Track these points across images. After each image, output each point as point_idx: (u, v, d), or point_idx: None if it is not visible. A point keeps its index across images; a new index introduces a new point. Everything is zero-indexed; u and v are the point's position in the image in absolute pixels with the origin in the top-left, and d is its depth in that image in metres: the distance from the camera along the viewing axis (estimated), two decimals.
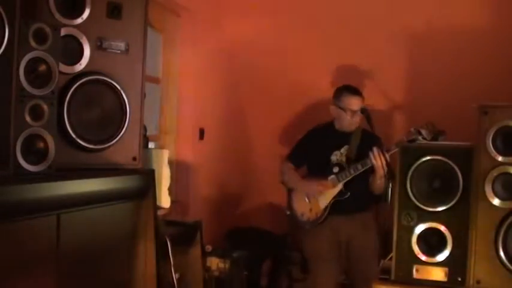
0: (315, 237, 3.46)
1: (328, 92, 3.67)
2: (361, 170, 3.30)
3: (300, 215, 3.48)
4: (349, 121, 3.41)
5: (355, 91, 3.42)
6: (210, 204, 4.35)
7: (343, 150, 3.43)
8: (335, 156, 3.42)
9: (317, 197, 3.41)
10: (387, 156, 3.17)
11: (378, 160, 3.16)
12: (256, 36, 4.48)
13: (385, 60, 4.13)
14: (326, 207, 3.39)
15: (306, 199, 3.46)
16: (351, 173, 3.32)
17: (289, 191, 3.58)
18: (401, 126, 4.06)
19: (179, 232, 3.19)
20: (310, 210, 3.43)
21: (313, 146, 3.52)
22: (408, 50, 4.11)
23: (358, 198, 3.38)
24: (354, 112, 3.39)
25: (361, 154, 3.36)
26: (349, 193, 3.35)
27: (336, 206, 3.39)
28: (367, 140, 3.37)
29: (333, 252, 3.43)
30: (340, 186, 3.36)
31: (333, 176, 3.37)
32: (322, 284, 3.44)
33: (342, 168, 3.37)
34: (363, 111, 3.34)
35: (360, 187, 3.38)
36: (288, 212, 3.56)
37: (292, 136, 4.24)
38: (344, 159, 3.41)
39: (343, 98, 3.41)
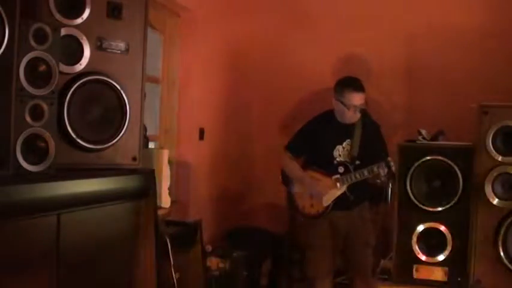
0: (312, 229, 3.46)
1: (328, 93, 3.67)
2: (366, 177, 3.31)
3: (301, 207, 3.47)
4: (351, 116, 3.39)
5: (358, 87, 3.37)
6: (210, 204, 4.35)
7: (345, 144, 3.42)
8: (337, 152, 3.41)
9: (321, 197, 3.42)
10: (391, 164, 3.23)
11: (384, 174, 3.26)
12: (256, 35, 4.48)
13: (385, 60, 4.13)
14: (328, 206, 3.39)
15: (308, 197, 3.45)
16: (357, 178, 3.32)
17: (288, 180, 3.54)
18: (401, 127, 4.06)
19: (179, 232, 3.18)
20: (312, 205, 3.43)
21: (314, 138, 3.48)
22: (408, 49, 4.11)
23: (357, 195, 3.39)
24: (356, 107, 3.38)
25: (364, 149, 3.37)
26: (352, 197, 3.35)
27: (337, 203, 3.39)
28: (368, 130, 3.39)
29: (328, 242, 3.43)
30: (344, 188, 3.36)
31: (337, 176, 3.37)
32: (316, 272, 3.44)
33: (347, 170, 3.36)
34: (362, 111, 3.34)
35: (360, 185, 3.39)
36: (289, 198, 3.55)
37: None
38: (347, 154, 3.41)
39: (345, 94, 3.36)
